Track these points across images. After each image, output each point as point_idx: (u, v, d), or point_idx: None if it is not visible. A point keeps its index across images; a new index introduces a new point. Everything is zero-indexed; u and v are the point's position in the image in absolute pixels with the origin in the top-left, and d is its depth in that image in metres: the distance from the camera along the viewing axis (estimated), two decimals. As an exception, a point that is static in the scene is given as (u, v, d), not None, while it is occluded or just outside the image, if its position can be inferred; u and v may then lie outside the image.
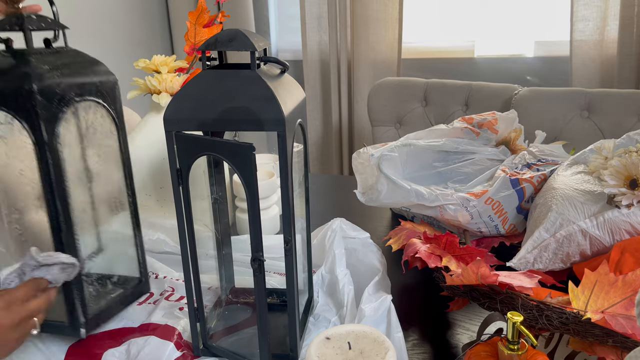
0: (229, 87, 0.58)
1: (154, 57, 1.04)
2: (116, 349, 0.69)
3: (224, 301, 0.80)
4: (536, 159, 0.98)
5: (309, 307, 0.76)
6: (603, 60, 1.78)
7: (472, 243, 0.89)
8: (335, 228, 0.87)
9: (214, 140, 0.58)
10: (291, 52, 2.36)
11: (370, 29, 2.03)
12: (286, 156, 0.58)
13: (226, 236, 0.79)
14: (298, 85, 0.68)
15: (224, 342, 0.71)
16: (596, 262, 0.72)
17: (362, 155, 0.94)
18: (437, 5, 2.08)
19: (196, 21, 1.05)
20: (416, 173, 0.97)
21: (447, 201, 0.86)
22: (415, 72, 2.12)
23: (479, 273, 0.62)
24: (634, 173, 0.72)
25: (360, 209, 1.10)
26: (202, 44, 0.59)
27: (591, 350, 0.59)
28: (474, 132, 1.03)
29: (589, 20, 1.75)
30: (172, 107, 0.59)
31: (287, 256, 0.62)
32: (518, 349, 0.54)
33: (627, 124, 1.43)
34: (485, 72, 2.06)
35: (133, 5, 2.14)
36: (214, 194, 0.75)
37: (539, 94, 1.55)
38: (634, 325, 0.54)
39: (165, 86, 1.01)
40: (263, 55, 0.62)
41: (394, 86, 1.76)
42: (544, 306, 0.59)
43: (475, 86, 1.65)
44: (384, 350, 0.53)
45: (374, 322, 0.69)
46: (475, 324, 0.75)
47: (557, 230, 0.76)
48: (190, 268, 0.65)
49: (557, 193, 0.80)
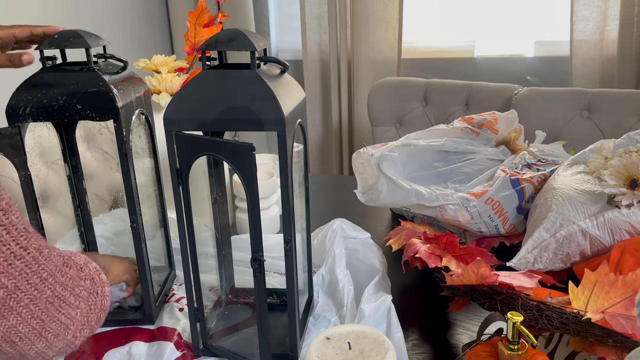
0: (229, 87, 0.58)
1: (154, 57, 1.04)
2: (117, 349, 0.69)
3: (224, 301, 0.80)
4: (536, 159, 0.98)
5: (309, 307, 0.76)
6: (603, 60, 1.78)
7: (472, 243, 0.89)
8: (336, 228, 0.87)
9: (214, 140, 0.58)
10: (291, 52, 2.36)
11: (370, 29, 2.03)
12: (286, 156, 0.58)
13: (226, 236, 0.79)
14: (298, 85, 0.68)
15: (224, 342, 0.71)
16: (596, 262, 0.72)
17: (362, 155, 0.94)
18: (437, 5, 2.08)
19: (196, 21, 1.05)
20: (416, 173, 0.97)
21: (447, 201, 0.86)
22: (415, 72, 2.12)
23: (479, 273, 0.62)
24: (634, 173, 0.72)
25: (360, 209, 1.10)
26: (202, 44, 0.59)
27: (591, 350, 0.59)
28: (474, 132, 1.03)
29: (589, 20, 1.75)
30: (172, 107, 0.59)
31: (287, 256, 0.62)
32: (518, 349, 0.54)
33: (627, 124, 1.43)
34: (485, 72, 2.06)
35: (133, 5, 2.14)
36: (214, 194, 0.75)
37: (539, 94, 1.55)
38: (634, 325, 0.54)
39: (165, 86, 1.01)
40: (263, 55, 0.62)
41: (394, 86, 1.76)
42: (544, 306, 0.59)
43: (475, 86, 1.65)
44: (384, 350, 0.53)
45: (374, 322, 0.69)
46: (475, 324, 0.75)
47: (557, 230, 0.76)
48: (190, 268, 0.65)
49: (557, 193, 0.80)
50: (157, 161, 0.81)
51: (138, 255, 0.72)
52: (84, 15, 1.87)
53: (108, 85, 0.65)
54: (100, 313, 0.56)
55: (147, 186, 0.82)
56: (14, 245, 0.45)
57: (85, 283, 0.54)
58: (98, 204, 1.00)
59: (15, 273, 0.45)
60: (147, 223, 0.80)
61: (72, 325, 0.51)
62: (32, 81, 0.66)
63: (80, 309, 0.52)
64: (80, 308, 0.52)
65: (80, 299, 0.52)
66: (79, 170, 0.83)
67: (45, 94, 0.64)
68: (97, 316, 0.55)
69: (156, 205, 0.83)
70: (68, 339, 0.52)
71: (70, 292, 0.51)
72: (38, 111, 0.64)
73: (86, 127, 0.97)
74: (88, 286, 0.54)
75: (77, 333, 0.52)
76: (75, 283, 0.52)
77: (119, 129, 0.66)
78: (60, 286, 0.50)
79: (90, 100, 0.64)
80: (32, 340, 0.48)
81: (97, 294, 0.55)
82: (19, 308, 0.46)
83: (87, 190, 0.84)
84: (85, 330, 0.54)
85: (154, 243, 0.86)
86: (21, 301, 0.46)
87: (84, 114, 0.64)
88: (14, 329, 0.47)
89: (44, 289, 0.48)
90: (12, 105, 0.64)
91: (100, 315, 0.56)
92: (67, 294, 0.51)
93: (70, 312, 0.51)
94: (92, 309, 0.54)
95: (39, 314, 0.48)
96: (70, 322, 0.51)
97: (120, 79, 0.70)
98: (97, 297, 0.55)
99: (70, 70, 0.67)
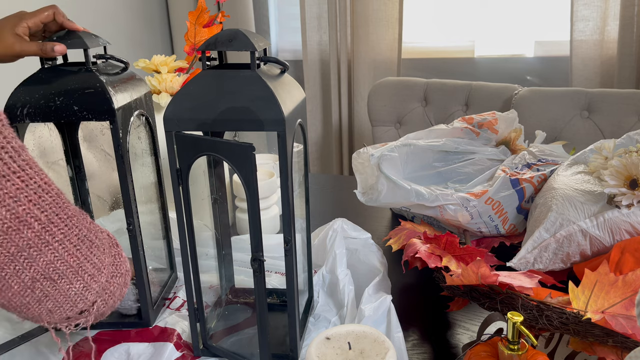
0: (229, 87, 0.58)
1: (154, 57, 1.04)
2: (116, 349, 0.69)
3: (224, 301, 0.80)
4: (536, 159, 0.98)
5: (309, 307, 0.76)
6: (603, 60, 1.78)
7: (472, 243, 0.89)
8: (337, 228, 0.87)
9: (214, 140, 0.58)
10: (291, 52, 2.36)
11: (370, 29, 2.03)
12: (286, 156, 0.58)
13: (226, 236, 0.79)
14: (298, 85, 0.68)
15: (224, 342, 0.71)
16: (596, 262, 0.72)
17: (362, 155, 0.94)
18: (437, 5, 2.08)
19: (196, 21, 1.05)
20: (416, 173, 0.97)
21: (447, 201, 0.86)
22: (415, 72, 2.12)
23: (479, 273, 0.62)
24: (634, 173, 0.72)
25: (360, 209, 1.10)
26: (202, 44, 0.59)
27: (591, 350, 0.59)
28: (474, 132, 1.03)
29: (589, 20, 1.75)
30: (172, 107, 0.59)
31: (287, 256, 0.62)
32: (518, 349, 0.54)
33: (627, 124, 1.43)
34: (485, 72, 2.06)
35: (133, 5, 2.14)
36: (214, 194, 0.75)
37: (539, 94, 1.55)
38: (634, 325, 0.54)
39: (165, 86, 1.01)
40: (263, 55, 0.62)
41: (394, 86, 1.76)
42: (544, 306, 0.59)
43: (475, 86, 1.65)
44: (384, 350, 0.53)
45: (374, 322, 0.69)
46: (475, 324, 0.75)
47: (557, 230, 0.76)
48: (190, 268, 0.65)
49: (557, 193, 0.80)
50: (158, 162, 0.81)
51: (135, 257, 0.72)
52: (84, 16, 1.87)
53: (105, 86, 0.65)
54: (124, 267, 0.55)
55: (148, 187, 0.82)
56: (39, 178, 0.46)
57: (104, 235, 0.54)
58: (99, 204, 1.00)
59: (46, 205, 0.46)
60: (148, 225, 0.80)
61: (103, 268, 0.52)
62: (30, 81, 0.66)
63: (107, 255, 0.53)
64: (107, 254, 0.53)
65: (105, 246, 0.53)
66: (81, 170, 0.83)
67: (43, 94, 0.64)
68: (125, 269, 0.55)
69: (157, 206, 0.83)
70: (102, 282, 0.52)
71: (95, 235, 0.52)
72: (36, 111, 0.64)
73: (88, 128, 0.96)
74: (107, 238, 0.54)
75: (109, 278, 0.53)
76: (97, 230, 0.53)
77: (115, 130, 0.66)
78: (86, 228, 0.50)
79: (86, 101, 0.64)
80: (70, 279, 0.49)
81: (116, 245, 0.55)
82: (55, 244, 0.47)
83: (90, 191, 0.84)
84: (117, 278, 0.54)
85: (155, 245, 0.86)
86: (56, 236, 0.47)
87: (80, 114, 0.64)
88: (52, 265, 0.47)
89: (73, 227, 0.48)
90: (10, 105, 0.64)
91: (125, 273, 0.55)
92: (92, 237, 0.51)
93: (99, 254, 0.51)
94: (116, 259, 0.54)
95: (74, 251, 0.48)
96: (101, 265, 0.51)
97: (120, 80, 0.70)
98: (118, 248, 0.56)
99: (68, 70, 0.67)
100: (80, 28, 0.71)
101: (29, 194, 0.44)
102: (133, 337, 0.71)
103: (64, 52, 0.68)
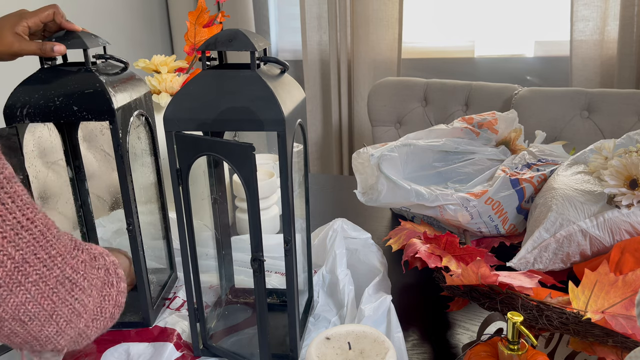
0: (229, 87, 0.58)
1: (154, 57, 1.04)
2: (116, 349, 0.69)
3: (224, 301, 0.80)
4: (536, 159, 0.98)
5: (309, 307, 0.76)
6: (603, 60, 1.78)
7: (472, 243, 0.89)
8: (337, 228, 0.87)
9: (214, 140, 0.58)
10: (291, 52, 2.36)
11: (370, 29, 2.03)
12: (286, 156, 0.58)
13: (226, 236, 0.79)
14: (298, 85, 0.68)
15: (224, 342, 0.71)
16: (596, 262, 0.72)
17: (362, 155, 0.94)
18: (437, 5, 2.08)
19: (196, 21, 1.05)
20: (416, 173, 0.97)
21: (447, 201, 0.86)
22: (415, 72, 2.12)
23: (479, 273, 0.62)
24: (634, 173, 0.72)
25: (360, 209, 1.10)
26: (202, 44, 0.59)
27: (591, 350, 0.59)
28: (474, 132, 1.03)
29: (589, 20, 1.75)
30: (172, 107, 0.59)
31: (287, 256, 0.62)
32: (518, 349, 0.54)
33: (627, 124, 1.43)
34: (485, 72, 2.06)
35: (133, 5, 2.14)
36: (214, 194, 0.75)
37: (539, 94, 1.55)
38: (634, 325, 0.54)
39: (165, 86, 1.01)
40: (263, 55, 0.62)
41: (394, 86, 1.76)
42: (544, 306, 0.59)
43: (475, 86, 1.65)
44: (384, 350, 0.53)
45: (374, 322, 0.69)
46: (475, 324, 0.75)
47: (557, 230, 0.76)
48: (190, 268, 0.65)
49: (557, 193, 0.80)
50: (158, 162, 0.81)
51: (135, 257, 0.72)
52: (83, 16, 1.87)
53: (104, 86, 0.65)
54: (115, 309, 0.53)
55: (148, 187, 0.82)
56: (20, 214, 0.43)
57: (99, 272, 0.51)
58: (99, 205, 1.00)
59: (23, 244, 0.43)
60: (148, 225, 0.80)
61: (84, 312, 0.49)
62: (29, 81, 0.66)
63: (93, 297, 0.50)
64: (93, 296, 0.50)
65: (93, 287, 0.50)
66: (81, 171, 0.83)
67: (42, 94, 0.64)
68: (111, 311, 0.52)
69: (157, 206, 0.83)
70: (80, 327, 0.49)
71: (82, 276, 0.48)
72: (35, 112, 0.64)
73: (87, 128, 0.97)
74: (102, 276, 0.51)
75: (89, 323, 0.50)
76: (88, 269, 0.49)
77: (115, 130, 0.66)
78: (71, 268, 0.47)
79: (86, 101, 0.64)
80: (42, 322, 0.46)
81: (112, 284, 0.52)
82: (28, 284, 0.44)
83: (90, 191, 0.84)
84: (99, 322, 0.51)
85: (155, 245, 0.86)
86: (29, 276, 0.44)
87: (80, 114, 0.64)
88: (22, 307, 0.44)
89: (53, 268, 0.45)
90: (10, 105, 0.64)
91: (114, 311, 0.53)
92: (78, 278, 0.48)
93: (83, 298, 0.48)
94: (106, 300, 0.51)
95: (49, 294, 0.45)
96: (82, 309, 0.48)
97: (119, 80, 0.70)
98: (112, 288, 0.53)
99: (67, 70, 0.67)
100: (79, 28, 0.70)
101: (4, 229, 0.42)
102: (133, 337, 0.71)
103: (64, 52, 0.67)
